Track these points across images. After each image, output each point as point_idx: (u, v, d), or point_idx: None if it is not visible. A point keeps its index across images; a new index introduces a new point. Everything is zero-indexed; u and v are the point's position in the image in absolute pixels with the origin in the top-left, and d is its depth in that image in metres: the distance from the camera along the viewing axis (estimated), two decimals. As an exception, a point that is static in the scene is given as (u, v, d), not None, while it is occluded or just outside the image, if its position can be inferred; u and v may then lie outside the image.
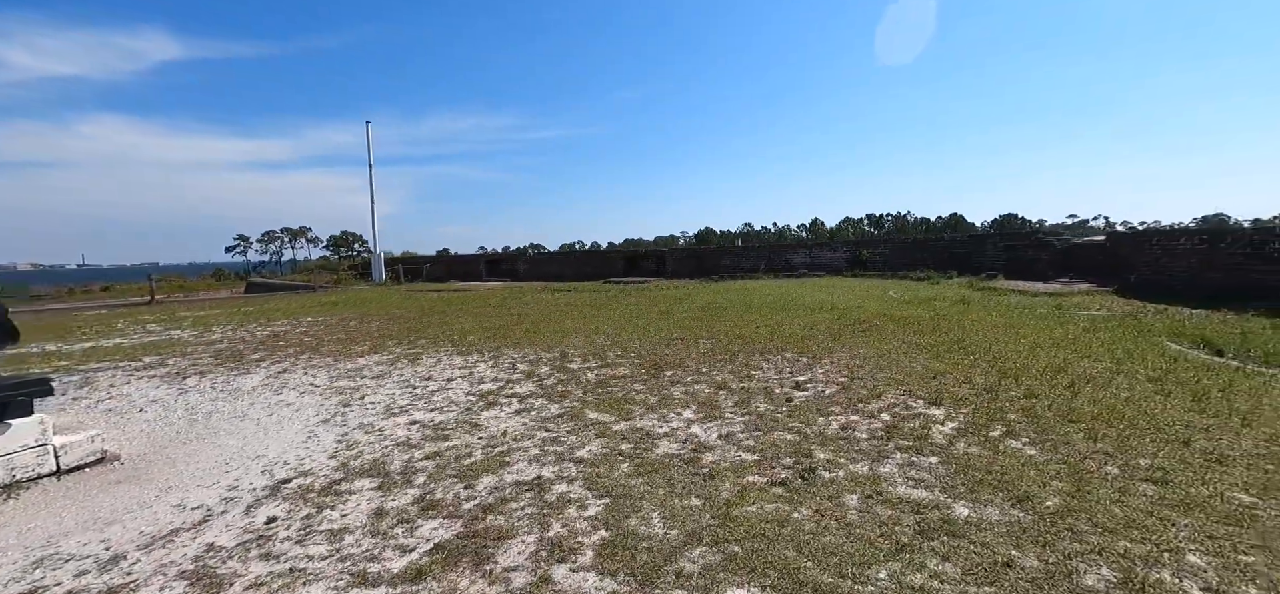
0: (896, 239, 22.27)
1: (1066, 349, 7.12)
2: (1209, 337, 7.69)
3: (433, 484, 3.65)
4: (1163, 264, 12.64)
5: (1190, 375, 5.73)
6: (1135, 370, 5.99)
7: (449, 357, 8.13)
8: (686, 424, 4.73)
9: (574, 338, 9.36)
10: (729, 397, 5.54)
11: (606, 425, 4.75)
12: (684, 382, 6.20)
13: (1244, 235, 10.87)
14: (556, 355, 7.94)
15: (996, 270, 17.80)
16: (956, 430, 4.38)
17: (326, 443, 4.61)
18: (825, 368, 6.58)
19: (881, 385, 5.71)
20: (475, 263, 32.56)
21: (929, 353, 7.12)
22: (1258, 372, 5.98)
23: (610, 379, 6.46)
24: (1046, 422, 4.48)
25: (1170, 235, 12.53)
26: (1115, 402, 4.92)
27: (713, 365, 6.94)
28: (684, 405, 5.28)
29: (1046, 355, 6.79)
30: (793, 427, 4.57)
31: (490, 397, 5.85)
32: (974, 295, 13.94)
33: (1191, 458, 3.71)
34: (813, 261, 22.49)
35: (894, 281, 18.93)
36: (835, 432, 4.43)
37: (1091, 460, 3.72)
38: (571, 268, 28.58)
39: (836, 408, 5.04)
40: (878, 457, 3.90)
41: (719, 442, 4.28)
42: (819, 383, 5.94)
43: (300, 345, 9.64)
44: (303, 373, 7.33)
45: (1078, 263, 16.17)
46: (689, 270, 24.95)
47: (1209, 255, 11.53)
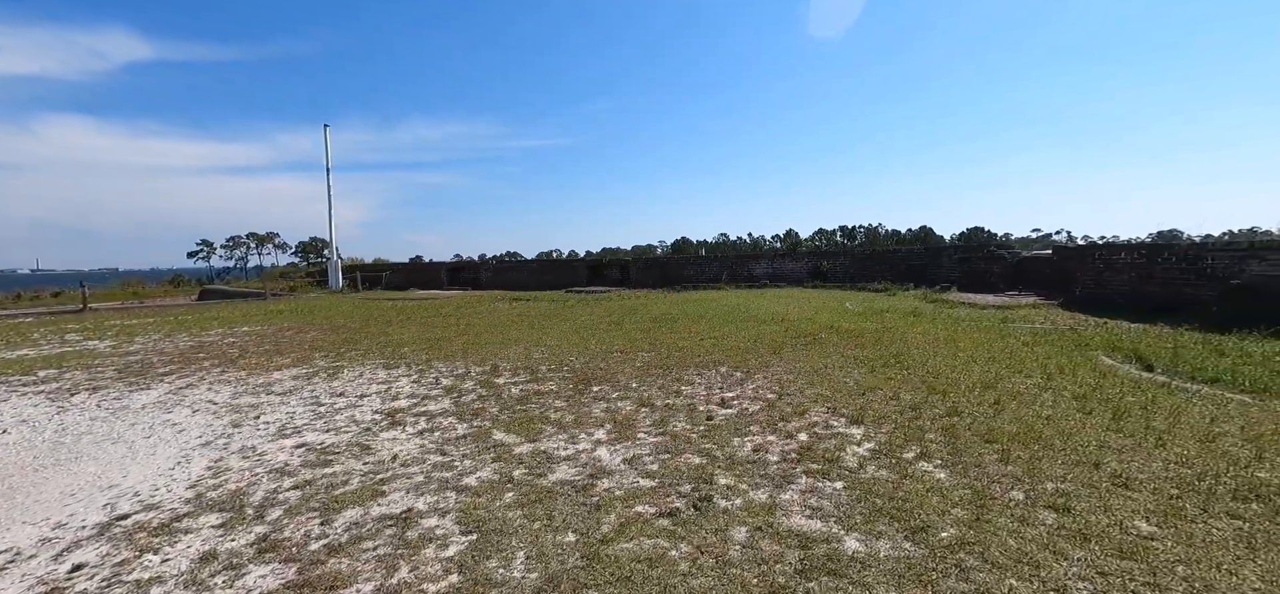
0: (857, 251, 22.47)
1: (1001, 364, 7.07)
2: (1142, 351, 7.75)
3: (286, 520, 3.29)
4: (1105, 278, 12.90)
5: (1116, 392, 5.69)
6: (1063, 387, 5.93)
7: (373, 370, 7.69)
8: (594, 446, 4.44)
9: (512, 350, 9.01)
10: (650, 415, 5.28)
11: (508, 448, 4.44)
12: (609, 398, 5.92)
13: (1180, 250, 11.14)
14: (487, 369, 7.58)
15: (951, 283, 18.03)
16: (871, 452, 4.19)
17: (194, 470, 4.18)
18: (757, 383, 6.38)
19: (808, 402, 5.52)
20: (437, 271, 31.83)
21: (865, 367, 6.99)
22: (1182, 388, 5.98)
23: (533, 395, 6.15)
24: (964, 442, 4.32)
25: (1111, 250, 12.81)
26: (1037, 420, 4.81)
27: (644, 380, 6.68)
28: (599, 424, 5.00)
29: (980, 370, 6.72)
30: (704, 448, 4.32)
31: (399, 415, 5.48)
32: (926, 307, 14.04)
33: (1098, 482, 3.57)
34: (775, 272, 22.52)
35: (852, 293, 19.04)
36: (746, 454, 4.19)
37: (998, 485, 3.55)
38: (534, 277, 28.12)
39: (755, 427, 4.82)
40: (782, 483, 3.67)
41: (621, 466, 4.01)
42: (746, 399, 5.72)
43: (220, 358, 9.07)
44: (207, 389, 6.82)
45: (1028, 276, 16.47)
46: (653, 280, 24.75)
47: (1147, 270, 11.79)
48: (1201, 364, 6.98)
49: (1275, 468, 3.76)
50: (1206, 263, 10.56)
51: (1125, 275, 12.34)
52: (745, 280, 22.49)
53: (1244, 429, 4.54)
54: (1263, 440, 4.25)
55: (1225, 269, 10.18)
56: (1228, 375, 6.39)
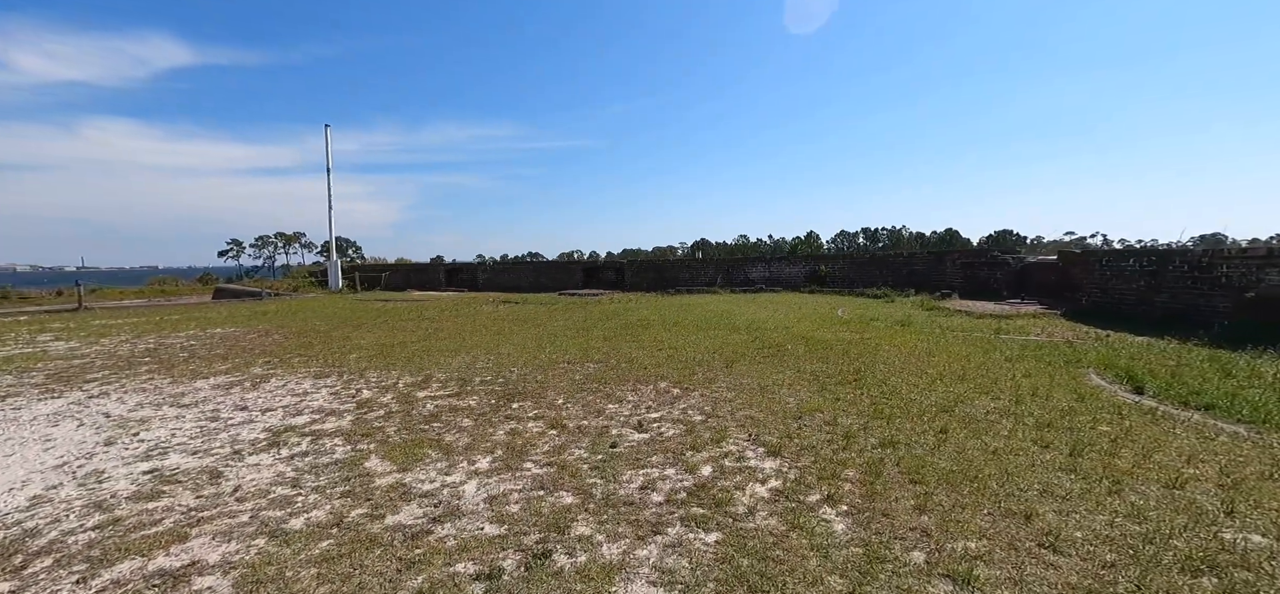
0: (857, 255, 21.62)
1: (970, 383, 6.41)
2: (1136, 370, 6.99)
3: (44, 575, 2.84)
4: (1111, 286, 12.01)
5: (1087, 420, 5.02)
6: (1029, 412, 5.28)
7: (300, 381, 7.31)
8: (467, 478, 3.94)
9: (460, 358, 8.56)
10: (553, 439, 4.76)
11: (370, 479, 3.96)
12: (522, 417, 5.42)
13: (1192, 257, 10.25)
14: (418, 380, 7.14)
15: (953, 290, 17.17)
16: (772, 493, 3.62)
17: (17, 499, 3.78)
18: (691, 401, 5.83)
19: (733, 427, 4.96)
20: (437, 272, 31.70)
21: (816, 385, 6.38)
22: (1169, 415, 5.28)
23: (446, 412, 5.67)
24: (884, 482, 3.73)
25: (1118, 256, 11.91)
26: (981, 454, 4.19)
27: (573, 396, 6.17)
28: (491, 450, 4.50)
29: (943, 391, 6.07)
30: (587, 484, 3.80)
31: (285, 435, 5.04)
32: (919, 315, 13.29)
33: (1022, 541, 2.96)
34: (772, 276, 21.80)
35: (848, 298, 18.27)
36: (629, 492, 3.66)
37: (900, 543, 2.97)
38: (530, 278, 27.78)
39: (658, 458, 4.27)
40: (649, 533, 3.13)
41: (478, 506, 3.50)
42: (669, 422, 5.17)
43: (162, 363, 8.79)
44: (116, 399, 6.49)
45: (1032, 283, 15.56)
46: (647, 283, 24.21)
47: (1157, 278, 10.90)
48: (1201, 386, 6.23)
49: (1244, 524, 3.11)
50: (1221, 272, 9.68)
51: (1133, 284, 11.45)
52: (741, 284, 21.83)
53: (1223, 471, 3.86)
54: (1240, 487, 3.58)
55: (1241, 279, 9.30)
56: (1226, 401, 5.65)
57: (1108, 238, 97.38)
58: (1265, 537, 3.01)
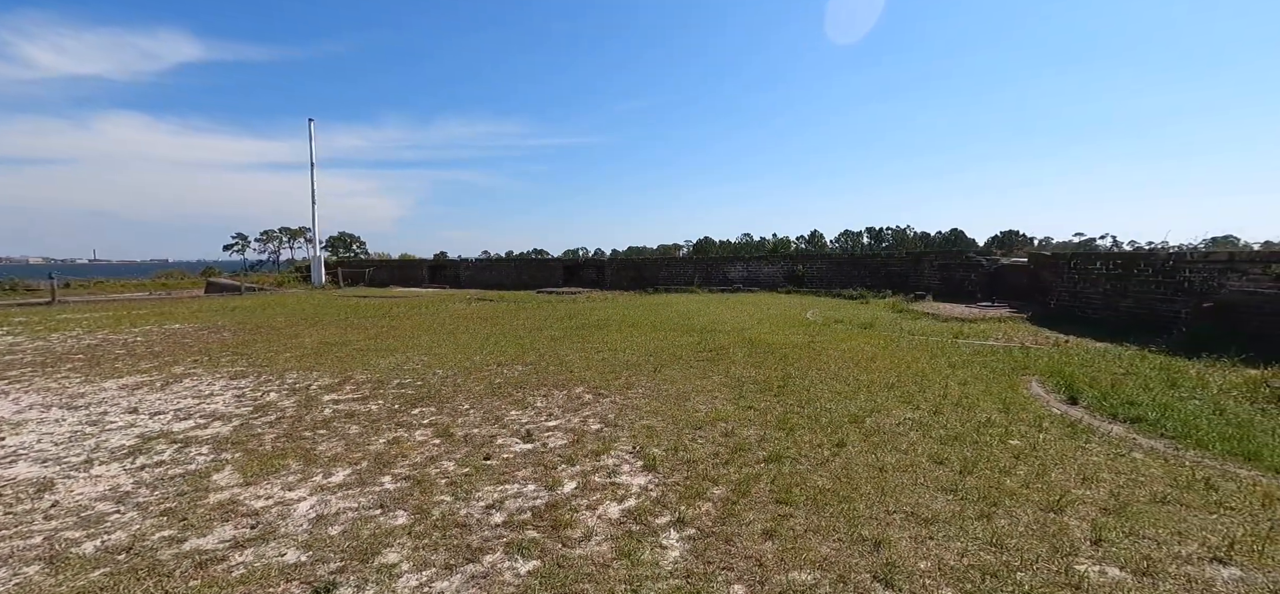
0: (836, 256, 21.30)
1: (897, 390, 6.16)
2: (1077, 379, 6.72)
3: None
4: (1080, 290, 11.71)
5: (998, 433, 4.77)
6: (943, 424, 5.02)
7: (215, 381, 7.08)
8: (310, 495, 3.70)
9: (392, 359, 8.32)
10: (434, 449, 4.52)
11: (208, 492, 3.72)
12: (415, 424, 5.18)
13: (1157, 262, 9.96)
14: (336, 382, 6.90)
15: (928, 291, 16.88)
16: (625, 513, 3.37)
17: None
18: (599, 408, 5.58)
19: (625, 437, 4.71)
20: (421, 268, 31.49)
21: (736, 392, 6.13)
22: (1091, 428, 5.02)
23: (341, 417, 5.43)
24: (749, 502, 3.48)
25: (1086, 259, 11.60)
26: (868, 470, 3.94)
27: (482, 401, 5.93)
28: (358, 462, 4.26)
29: (864, 399, 5.82)
30: (433, 502, 3.55)
31: (153, 441, 4.81)
32: (886, 318, 13.02)
33: (857, 573, 2.71)
34: (749, 276, 21.51)
35: (824, 300, 18.00)
36: (471, 513, 3.41)
37: (724, 574, 2.72)
38: (512, 276, 27.54)
39: (527, 471, 4.03)
40: (463, 562, 2.88)
41: (298, 528, 3.26)
42: (564, 430, 4.92)
43: (89, 361, 8.57)
44: (10, 400, 6.26)
45: (1004, 285, 15.26)
46: (627, 281, 23.95)
47: (1123, 281, 10.61)
48: (1137, 397, 5.98)
49: (1106, 555, 2.85)
50: (1183, 276, 9.39)
51: (1100, 287, 11.17)
52: (719, 283, 21.55)
53: (1114, 492, 3.61)
54: (1124, 511, 3.32)
55: (1203, 284, 9.01)
56: (1157, 414, 5.40)
57: (1117, 239, 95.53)
58: (1123, 570, 2.75)
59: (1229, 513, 3.37)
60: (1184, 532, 3.14)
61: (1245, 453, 4.33)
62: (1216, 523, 3.24)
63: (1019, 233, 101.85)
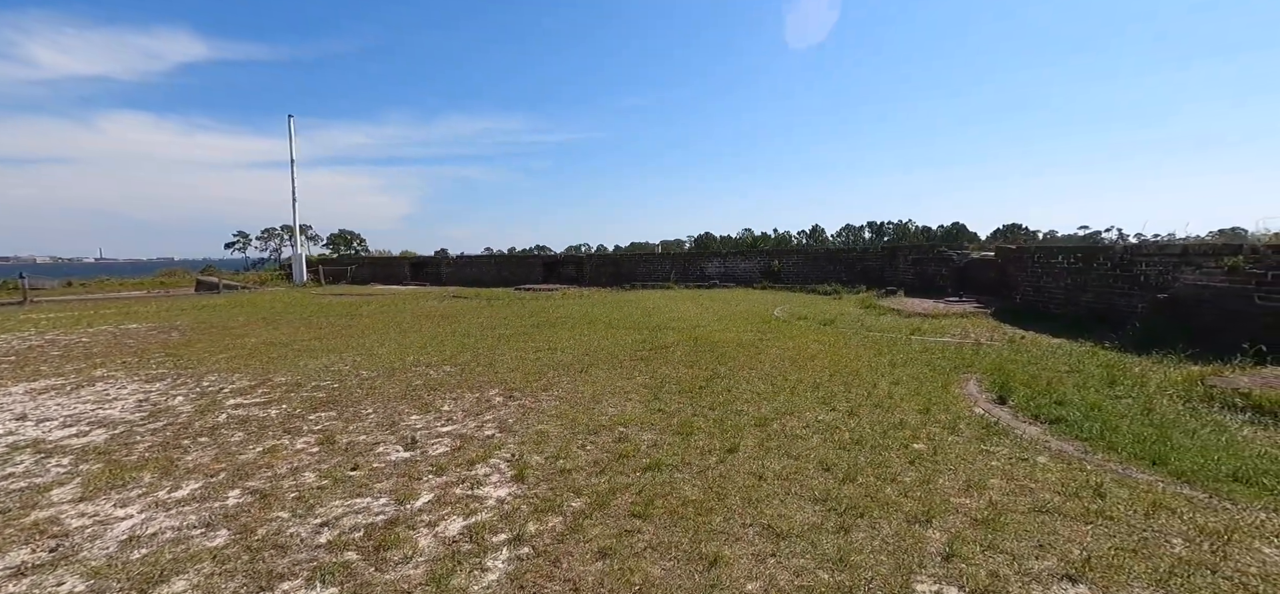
0: (812, 251, 21.05)
1: (823, 390, 5.97)
2: (1014, 378, 6.51)
3: None
4: (1042, 284, 11.49)
5: (904, 437, 4.58)
6: (852, 427, 4.83)
7: (128, 384, 6.88)
8: (142, 511, 3.50)
9: (322, 360, 8.11)
10: (309, 458, 4.32)
11: (34, 508, 3.52)
12: (303, 432, 4.98)
13: (1115, 255, 9.73)
14: (252, 384, 6.70)
15: (900, 286, 16.67)
16: (463, 531, 3.17)
17: None
18: (503, 412, 5.38)
19: (512, 443, 4.51)
20: (402, 265, 31.26)
21: (653, 393, 5.93)
22: (1007, 431, 4.83)
23: (234, 423, 5.23)
24: (604, 515, 3.28)
25: (1048, 252, 11.37)
26: (747, 479, 3.74)
27: (389, 405, 5.73)
28: (217, 473, 4.06)
29: (783, 400, 5.63)
30: (266, 519, 3.35)
31: (21, 451, 4.60)
32: (851, 314, 12.81)
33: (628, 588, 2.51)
34: (726, 272, 21.29)
35: (797, 296, 17.78)
36: (299, 532, 3.21)
37: (527, 603, 2.52)
38: (492, 272, 27.33)
39: (387, 484, 3.83)
40: (254, 590, 2.68)
41: (103, 550, 3.05)
42: (454, 436, 4.72)
43: (15, 363, 8.37)
44: (-94, 405, 6.07)
45: (973, 280, 15.04)
46: (605, 278, 23.74)
47: (1083, 275, 10.39)
48: (1069, 397, 5.78)
49: (951, 572, 2.65)
50: (1140, 269, 9.18)
51: (1062, 281, 10.95)
52: (696, 279, 21.34)
53: (994, 503, 3.40)
54: (993, 524, 3.12)
55: (1158, 277, 8.80)
56: (1082, 414, 5.21)
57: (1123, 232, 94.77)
58: (961, 589, 2.55)
59: (1106, 524, 3.17)
60: (1047, 545, 2.94)
61: (1152, 457, 4.13)
62: (1087, 535, 3.05)
63: (1022, 226, 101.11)
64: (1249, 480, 3.70)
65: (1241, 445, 4.34)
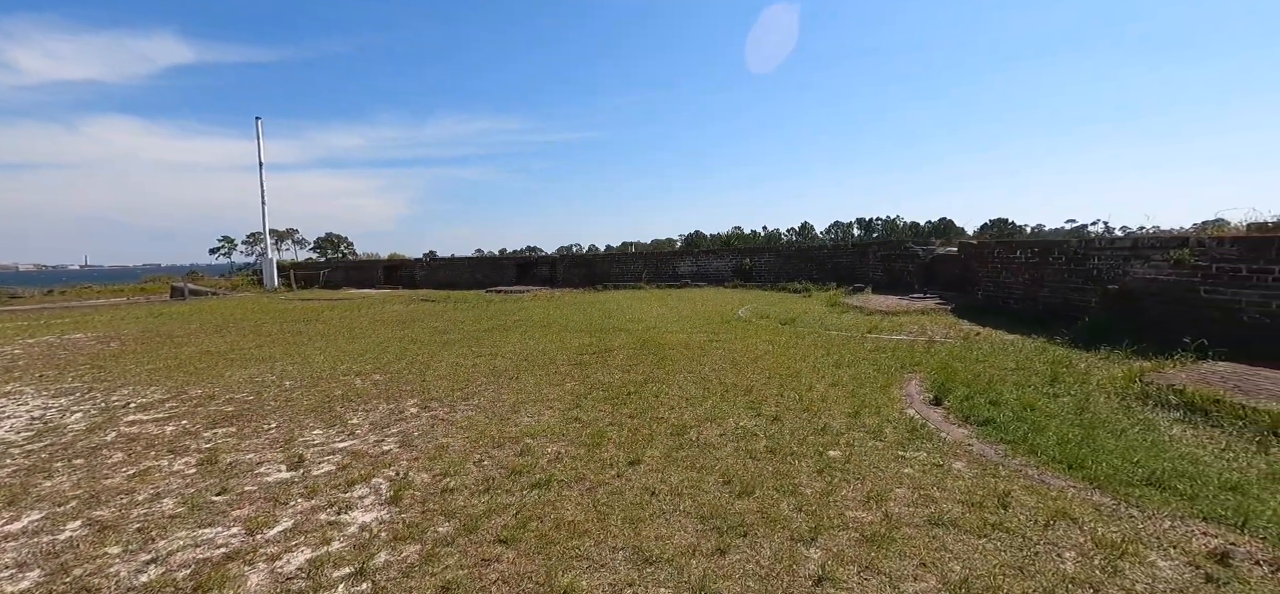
0: (784, 249, 20.89)
1: (752, 397, 5.76)
2: (956, 378, 6.34)
3: None
4: (1003, 279, 11.39)
5: (819, 445, 4.37)
6: (773, 434, 4.62)
7: (28, 401, 6.51)
8: (-26, 543, 3.19)
9: (250, 370, 7.77)
10: (174, 481, 4.02)
11: None
12: (190, 451, 4.67)
13: (1069, 249, 9.64)
14: (167, 397, 6.36)
15: (868, 283, 16.56)
16: (306, 564, 2.90)
17: None
18: (409, 425, 5.11)
19: (406, 460, 4.24)
20: (376, 269, 30.75)
21: (577, 401, 5.69)
22: (929, 435, 4.64)
23: (111, 444, 4.90)
24: (469, 542, 3.03)
25: (1008, 247, 11.28)
26: (636, 496, 3.50)
27: (296, 419, 5.43)
28: (72, 501, 3.75)
29: (709, 406, 5.42)
30: (97, 555, 3.06)
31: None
32: (815, 312, 12.66)
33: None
34: (698, 271, 21.10)
35: (767, 294, 17.62)
36: (120, 572, 2.92)
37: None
38: (466, 274, 26.93)
39: (250, 508, 3.54)
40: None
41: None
42: (345, 454, 4.44)
43: (-77, 380, 7.94)
44: None
45: (939, 275, 14.95)
46: (579, 278, 23.46)
47: (1040, 270, 10.29)
48: (1006, 396, 5.62)
49: None
50: (1092, 263, 9.08)
51: (1021, 277, 10.85)
52: (669, 279, 21.12)
53: (890, 515, 3.19)
54: (881, 540, 2.90)
55: (1109, 270, 8.69)
56: (1015, 414, 5.06)
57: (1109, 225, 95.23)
58: (816, 629, 2.33)
59: (1000, 537, 2.97)
60: (930, 564, 2.73)
61: (1071, 461, 3.95)
62: (976, 551, 2.84)
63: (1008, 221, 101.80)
64: (1162, 485, 3.53)
65: (1165, 446, 4.19)
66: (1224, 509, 3.17)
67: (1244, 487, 3.44)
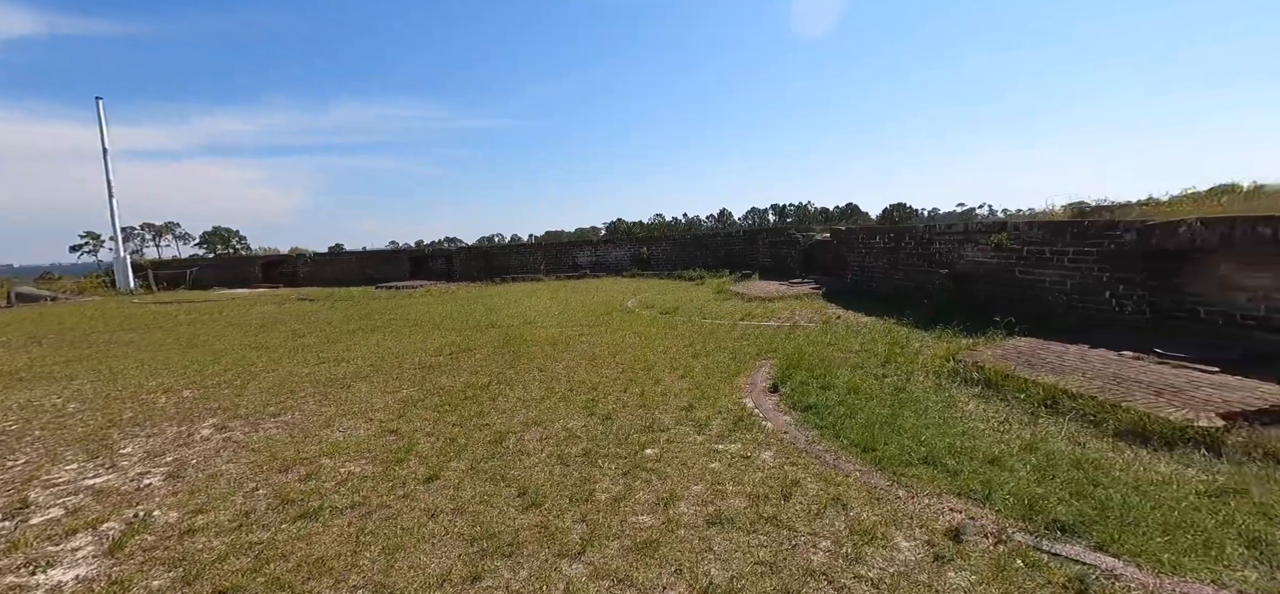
0: (681, 238, 21.20)
1: (593, 394, 5.62)
2: (800, 362, 6.52)
3: None
4: (866, 264, 12.11)
5: (638, 445, 4.28)
6: (596, 434, 4.49)
7: None
8: None
9: (44, 388, 6.64)
10: None
11: None
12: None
13: (917, 235, 10.36)
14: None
15: (758, 269, 17.11)
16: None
17: None
18: (192, 451, 4.50)
19: (161, 495, 3.69)
20: (252, 266, 28.01)
21: (404, 409, 5.30)
22: (750, 424, 4.69)
23: None
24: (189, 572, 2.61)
25: (870, 234, 12.01)
26: (414, 519, 3.22)
27: (54, 451, 4.63)
28: None
29: (545, 408, 5.21)
30: None
31: None
32: (700, 299, 12.85)
33: None
34: (598, 261, 20.95)
35: (661, 282, 17.78)
36: None
37: None
38: (356, 270, 25.14)
39: (-81, 575, 2.90)
40: None
41: None
42: (98, 492, 3.80)
43: None
44: None
45: (817, 261, 15.73)
46: (476, 271, 22.57)
47: (895, 255, 11.00)
48: (838, 379, 5.81)
49: None
50: (935, 248, 9.79)
51: (881, 261, 11.55)
52: (568, 269, 20.80)
53: (673, 519, 3.12)
54: (653, 547, 2.81)
55: (947, 254, 9.41)
56: (840, 397, 5.24)
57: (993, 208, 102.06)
58: None
59: (769, 531, 2.97)
60: (687, 568, 2.66)
61: (866, 444, 4.09)
62: (741, 548, 2.81)
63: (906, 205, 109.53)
64: (935, 462, 3.71)
65: (954, 422, 4.45)
66: (977, 484, 3.36)
67: (1003, 459, 3.68)
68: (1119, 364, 5.26)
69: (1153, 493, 3.12)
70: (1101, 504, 3.02)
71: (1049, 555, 2.65)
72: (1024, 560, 2.62)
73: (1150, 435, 3.84)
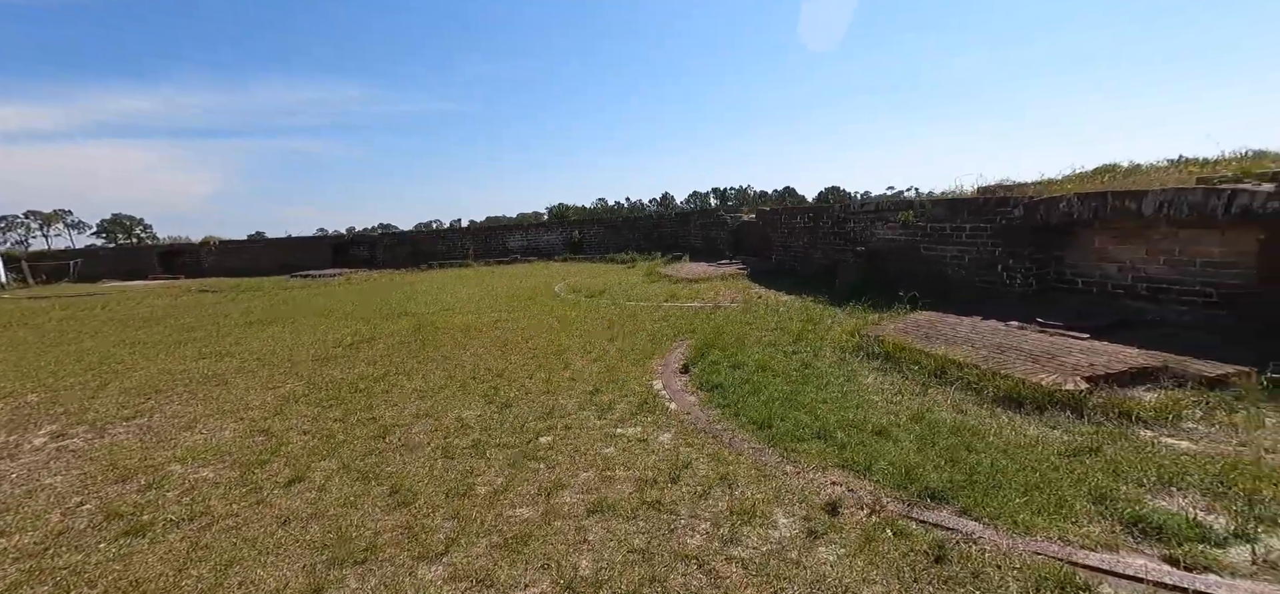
0: (613, 220, 21.01)
1: (497, 383, 5.36)
2: (716, 342, 6.48)
3: None
4: (789, 244, 12.36)
5: (534, 432, 4.09)
6: (491, 425, 4.26)
7: None
8: None
9: None
10: None
11: None
12: None
13: (834, 215, 10.64)
14: None
15: (687, 251, 17.18)
16: None
17: None
18: (33, 458, 3.93)
19: None
20: (150, 256, 25.52)
21: (282, 407, 4.85)
22: (655, 408, 4.58)
23: None
24: None
25: (791, 214, 12.27)
26: (263, 527, 2.89)
27: None
28: None
29: (443, 398, 4.92)
30: None
31: None
32: (628, 282, 12.72)
33: None
34: (529, 245, 20.44)
35: (593, 266, 17.55)
36: None
37: None
38: (269, 258, 23.38)
39: None
40: None
41: None
42: (-126, 520, 3.22)
43: None
44: None
45: (745, 242, 15.97)
46: (402, 258, 21.51)
47: (814, 234, 11.26)
48: (749, 358, 5.80)
49: None
50: (850, 227, 10.06)
51: (802, 240, 11.80)
52: (498, 254, 20.18)
53: (552, 512, 2.95)
54: (511, 548, 2.63)
55: (861, 233, 9.69)
56: (748, 375, 5.21)
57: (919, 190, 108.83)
58: None
59: (650, 517, 2.85)
60: (556, 562, 2.51)
61: (763, 421, 4.06)
62: (616, 537, 2.68)
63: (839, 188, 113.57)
64: (828, 436, 3.71)
65: (851, 396, 4.50)
66: (861, 456, 3.38)
67: (889, 430, 3.73)
68: (1005, 333, 5.52)
69: (1019, 456, 3.22)
70: (971, 469, 3.09)
71: (917, 524, 2.67)
72: (893, 530, 2.62)
73: (1024, 400, 4.00)
